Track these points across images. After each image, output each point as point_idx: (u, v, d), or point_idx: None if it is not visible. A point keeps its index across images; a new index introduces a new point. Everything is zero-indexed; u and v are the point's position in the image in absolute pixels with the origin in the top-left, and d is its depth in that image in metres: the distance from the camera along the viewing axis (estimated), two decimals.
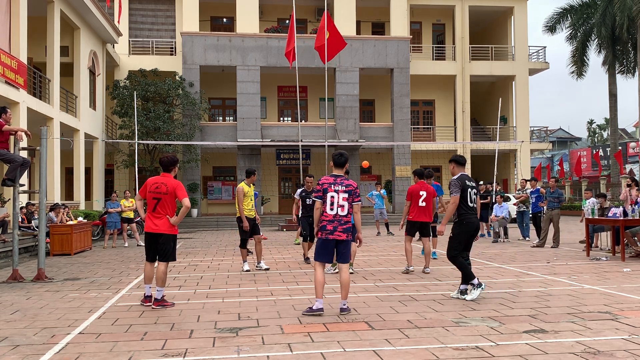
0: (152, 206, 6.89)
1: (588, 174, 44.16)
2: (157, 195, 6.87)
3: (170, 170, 7.07)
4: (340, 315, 6.24)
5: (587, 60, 33.80)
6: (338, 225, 6.26)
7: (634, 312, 6.19)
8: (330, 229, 6.26)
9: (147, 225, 6.94)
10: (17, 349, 5.09)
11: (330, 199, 6.29)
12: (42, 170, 9.90)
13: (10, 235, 11.72)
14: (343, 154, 6.56)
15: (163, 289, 6.91)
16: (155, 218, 6.89)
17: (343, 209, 6.29)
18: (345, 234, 6.28)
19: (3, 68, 15.07)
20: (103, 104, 26.05)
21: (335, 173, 6.49)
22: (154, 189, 6.90)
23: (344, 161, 6.52)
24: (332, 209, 6.28)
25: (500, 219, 15.90)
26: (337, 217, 6.27)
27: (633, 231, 11.29)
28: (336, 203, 6.28)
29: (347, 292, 6.35)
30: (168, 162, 7.04)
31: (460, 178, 7.18)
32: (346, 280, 6.32)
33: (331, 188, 6.32)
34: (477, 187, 7.38)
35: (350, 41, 28.31)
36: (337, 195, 6.29)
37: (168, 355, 4.79)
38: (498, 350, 4.78)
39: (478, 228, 7.29)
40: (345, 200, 6.30)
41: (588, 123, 70.14)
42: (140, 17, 29.72)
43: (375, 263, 11.10)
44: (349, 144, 27.66)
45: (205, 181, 30.22)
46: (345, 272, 6.34)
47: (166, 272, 6.93)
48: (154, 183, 6.95)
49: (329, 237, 6.25)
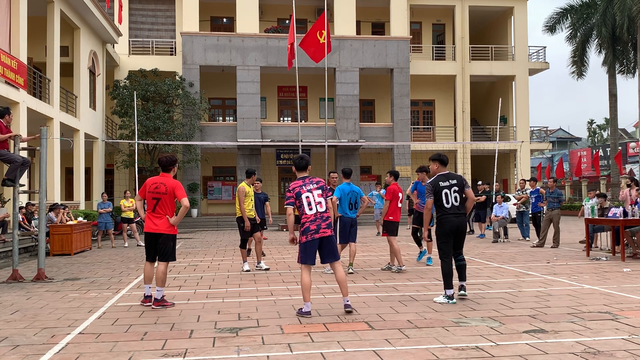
0: (152, 206, 6.91)
1: (588, 174, 44.16)
2: (157, 195, 6.89)
3: (169, 170, 7.08)
4: (344, 314, 6.23)
5: (587, 60, 33.80)
6: (321, 223, 6.27)
7: (634, 312, 6.19)
8: (315, 228, 6.24)
9: (147, 225, 6.97)
10: (17, 349, 5.09)
11: (306, 199, 6.29)
12: (42, 170, 9.90)
13: (10, 235, 11.73)
14: (304, 157, 6.60)
15: (163, 289, 6.92)
16: (155, 218, 6.91)
17: (321, 205, 6.32)
18: (329, 229, 6.31)
19: (3, 68, 15.07)
20: (103, 104, 26.04)
21: (301, 176, 6.50)
22: (154, 189, 6.91)
23: (304, 164, 6.55)
24: (310, 208, 6.28)
25: (500, 219, 15.89)
26: (317, 214, 6.28)
27: (633, 230, 11.30)
28: (313, 202, 6.29)
29: (346, 288, 6.34)
30: (167, 162, 7.06)
31: (433, 181, 7.07)
32: (342, 277, 6.31)
33: (303, 189, 6.33)
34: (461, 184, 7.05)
35: (350, 41, 28.35)
36: (311, 195, 6.30)
37: (168, 355, 4.79)
38: (498, 350, 4.78)
39: (460, 226, 6.94)
40: (320, 196, 6.34)
41: (588, 123, 70.22)
42: (140, 17, 29.72)
43: (376, 263, 11.10)
44: (349, 144, 27.66)
45: (205, 181, 30.22)
46: (340, 269, 6.33)
47: (166, 272, 6.95)
48: (153, 183, 6.97)
49: (315, 236, 6.23)
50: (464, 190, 7.05)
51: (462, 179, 7.15)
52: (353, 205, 9.53)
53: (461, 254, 7.15)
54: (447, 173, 7.11)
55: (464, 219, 7.04)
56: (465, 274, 7.23)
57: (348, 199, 9.41)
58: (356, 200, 9.60)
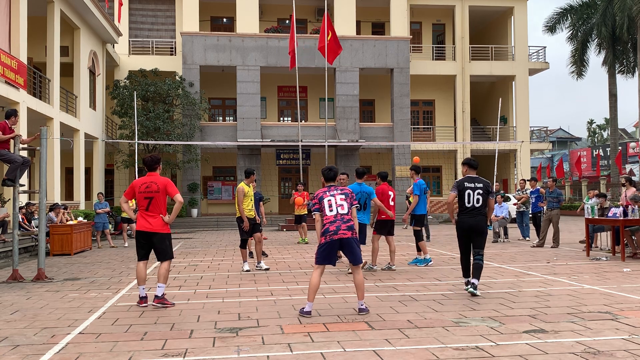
0: (145, 205, 6.88)
1: (588, 174, 44.16)
2: (149, 194, 6.86)
3: (156, 168, 7.10)
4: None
5: (587, 60, 33.79)
6: (341, 224, 6.22)
7: (634, 312, 6.19)
8: (334, 229, 6.20)
9: (140, 224, 6.93)
10: (17, 349, 5.09)
11: (327, 202, 6.34)
12: (42, 170, 9.90)
13: (10, 235, 11.73)
14: (332, 168, 6.66)
15: (164, 285, 6.94)
16: (148, 217, 6.89)
17: (343, 207, 6.31)
18: (350, 231, 6.22)
19: (3, 68, 15.08)
20: (103, 104, 26.04)
21: (328, 185, 6.60)
22: (144, 189, 6.89)
23: (333, 175, 6.62)
24: (331, 210, 6.30)
25: (500, 219, 15.89)
26: (338, 216, 6.27)
27: (632, 230, 11.30)
28: (335, 204, 6.31)
29: (363, 292, 6.32)
30: (152, 161, 7.08)
31: (459, 180, 7.66)
32: (360, 281, 6.28)
33: (326, 194, 6.41)
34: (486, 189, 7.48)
35: (350, 41, 28.34)
36: (333, 198, 6.35)
37: (168, 355, 4.79)
38: (498, 350, 4.78)
39: (475, 226, 7.37)
40: (343, 200, 6.34)
41: (588, 123, 70.19)
42: (140, 17, 29.71)
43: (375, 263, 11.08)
44: (349, 144, 27.66)
45: (205, 181, 30.23)
46: (359, 273, 6.31)
47: (169, 269, 7.00)
48: (142, 183, 6.93)
49: (334, 237, 6.19)
50: (488, 194, 7.48)
51: (488, 185, 7.58)
52: (362, 207, 9.40)
53: (479, 254, 7.41)
54: (475, 177, 7.63)
55: (482, 219, 7.42)
56: (479, 274, 7.35)
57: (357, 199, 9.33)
58: (366, 202, 9.47)
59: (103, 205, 16.49)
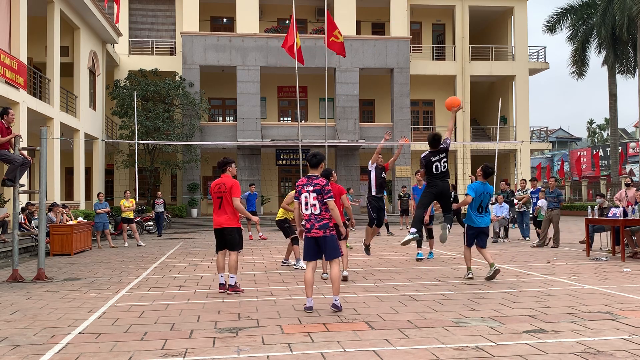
0: (218, 204, 7.71)
1: (588, 174, 44.16)
2: (219, 194, 7.69)
3: (226, 170, 7.83)
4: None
5: (587, 60, 33.78)
6: (314, 223, 6.47)
7: (634, 312, 6.19)
8: (309, 227, 6.50)
9: (214, 222, 7.80)
10: (17, 349, 5.09)
11: (303, 199, 6.56)
12: (42, 170, 9.90)
13: (10, 235, 11.73)
14: (316, 155, 6.76)
15: (236, 275, 7.79)
16: (219, 215, 7.72)
17: (315, 207, 6.49)
18: (322, 230, 6.43)
19: (3, 68, 15.07)
20: (103, 104, 26.04)
21: (310, 173, 6.69)
22: (217, 189, 7.72)
23: (316, 162, 6.70)
24: (306, 209, 6.55)
25: (501, 218, 15.89)
26: (312, 216, 6.50)
27: (632, 230, 11.30)
28: (309, 203, 6.52)
29: (337, 287, 6.42)
30: (221, 163, 7.90)
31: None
32: (335, 275, 6.41)
33: (304, 189, 6.57)
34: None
35: (350, 41, 28.31)
36: (308, 196, 6.53)
37: (168, 355, 4.79)
38: (498, 350, 4.78)
39: (443, 190, 8.27)
40: (315, 199, 6.49)
41: (588, 123, 70.14)
42: (140, 17, 29.71)
43: (375, 263, 11.09)
44: (349, 144, 27.66)
45: (205, 181, 30.20)
46: (334, 267, 6.45)
47: (237, 260, 7.80)
48: (216, 184, 7.76)
49: (308, 235, 6.52)
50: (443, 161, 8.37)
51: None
52: (484, 208, 8.84)
53: (446, 216, 8.47)
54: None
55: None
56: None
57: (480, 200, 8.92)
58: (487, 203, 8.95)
59: (103, 206, 16.47)
